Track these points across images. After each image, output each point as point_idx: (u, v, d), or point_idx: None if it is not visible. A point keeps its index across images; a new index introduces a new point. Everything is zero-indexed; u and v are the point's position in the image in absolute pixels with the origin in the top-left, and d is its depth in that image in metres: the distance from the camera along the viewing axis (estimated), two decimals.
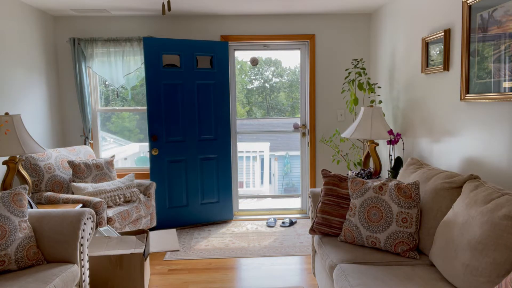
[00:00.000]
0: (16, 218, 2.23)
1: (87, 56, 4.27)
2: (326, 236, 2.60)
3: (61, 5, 3.87)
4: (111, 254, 2.64)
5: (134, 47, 4.29)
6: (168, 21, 4.41)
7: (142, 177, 4.54)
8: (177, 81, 4.17)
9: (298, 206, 4.95)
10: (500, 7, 2.22)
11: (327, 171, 2.73)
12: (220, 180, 4.46)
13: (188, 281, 3.07)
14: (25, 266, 2.20)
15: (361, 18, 4.51)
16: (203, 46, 4.23)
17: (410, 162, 2.83)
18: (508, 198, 1.75)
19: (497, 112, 2.32)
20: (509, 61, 2.17)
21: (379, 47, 4.25)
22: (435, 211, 2.25)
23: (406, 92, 3.58)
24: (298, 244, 3.82)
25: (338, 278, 2.09)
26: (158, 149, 4.16)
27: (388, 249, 2.30)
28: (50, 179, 3.55)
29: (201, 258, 3.50)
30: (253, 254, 3.58)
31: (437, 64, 2.97)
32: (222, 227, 4.33)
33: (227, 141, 4.44)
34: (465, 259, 1.79)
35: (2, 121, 2.97)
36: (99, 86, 4.57)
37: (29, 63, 3.85)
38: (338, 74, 4.56)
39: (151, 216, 3.81)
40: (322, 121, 4.62)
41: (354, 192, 2.46)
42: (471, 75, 2.52)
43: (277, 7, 4.10)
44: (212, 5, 3.96)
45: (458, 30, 2.70)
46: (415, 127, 3.41)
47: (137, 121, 4.94)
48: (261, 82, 8.14)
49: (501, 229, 1.67)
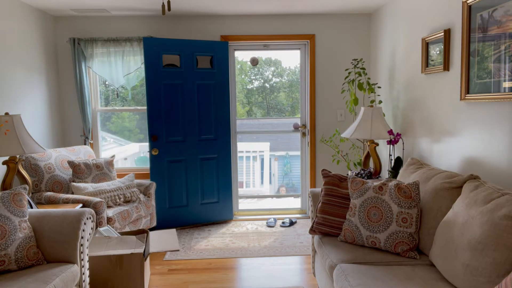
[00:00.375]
0: (16, 218, 2.23)
1: (87, 56, 4.27)
2: (326, 236, 2.60)
3: (61, 5, 3.88)
4: (111, 254, 2.64)
5: (134, 47, 4.29)
6: (168, 21, 4.41)
7: (142, 177, 4.54)
8: (177, 81, 4.17)
9: (298, 206, 4.95)
10: (500, 7, 2.22)
11: (327, 171, 2.73)
12: (220, 180, 4.46)
13: (188, 281, 3.07)
14: (25, 266, 2.20)
15: (361, 18, 4.51)
16: (203, 46, 4.23)
17: (410, 162, 2.83)
18: (508, 198, 1.75)
19: (497, 112, 2.32)
20: (509, 61, 2.17)
21: (379, 47, 4.25)
22: (435, 211, 2.25)
23: (406, 92, 3.58)
24: (298, 244, 3.82)
25: (338, 278, 2.09)
26: (158, 149, 4.16)
27: (388, 249, 2.30)
28: (50, 179, 3.55)
29: (201, 258, 3.50)
30: (253, 254, 3.58)
31: (437, 64, 2.97)
32: (222, 227, 4.33)
33: (227, 141, 4.44)
34: (465, 259, 1.79)
35: (2, 121, 2.97)
36: (99, 86, 4.57)
37: (29, 63, 3.85)
38: (338, 74, 4.56)
39: (151, 216, 3.81)
40: (322, 121, 4.62)
41: (354, 192, 2.46)
42: (471, 75, 2.52)
43: (277, 7, 4.10)
44: (212, 5, 3.96)
45: (458, 30, 2.70)
46: (415, 127, 3.41)
47: (137, 121, 4.94)
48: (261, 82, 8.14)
49: (501, 229, 1.67)
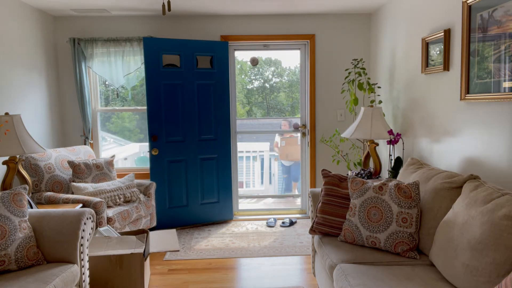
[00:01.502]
0: (16, 218, 2.23)
1: (87, 56, 4.27)
2: (326, 236, 2.60)
3: (61, 5, 3.87)
4: (111, 254, 2.64)
5: (134, 47, 4.29)
6: (168, 21, 4.41)
7: (142, 177, 4.54)
8: (177, 81, 4.17)
9: (298, 206, 4.95)
10: (500, 7, 2.22)
11: (327, 171, 2.73)
12: (220, 180, 4.46)
13: (188, 281, 3.07)
14: (25, 266, 2.20)
15: (361, 18, 4.51)
16: (203, 46, 4.23)
17: (410, 162, 2.83)
18: (508, 198, 1.75)
19: (497, 112, 2.32)
20: (509, 61, 2.17)
21: (379, 47, 4.25)
22: (435, 211, 2.25)
23: (406, 92, 3.58)
24: (298, 244, 3.82)
25: (338, 278, 2.09)
26: (158, 149, 4.16)
27: (388, 249, 2.30)
28: (50, 179, 3.55)
29: (201, 258, 3.50)
30: (253, 254, 3.58)
31: (437, 64, 2.97)
32: (222, 227, 4.33)
33: (227, 141, 4.44)
34: (465, 259, 1.79)
35: (2, 121, 2.97)
36: (99, 86, 4.57)
37: (29, 63, 3.85)
38: (338, 74, 4.56)
39: (151, 216, 3.81)
40: (322, 121, 4.62)
41: (354, 192, 2.46)
42: (471, 75, 2.52)
43: (277, 7, 4.10)
44: (212, 5, 3.96)
45: (458, 30, 2.70)
46: (415, 127, 3.41)
47: (137, 121, 4.94)
48: (261, 82, 8.13)
49: (501, 229, 1.67)
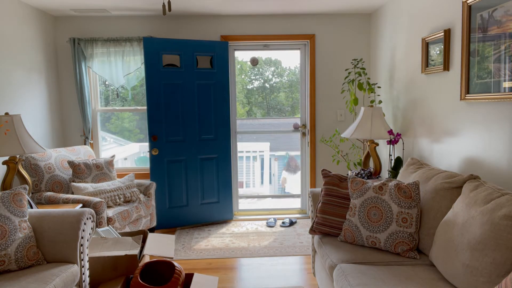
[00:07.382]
0: (16, 218, 2.23)
1: (87, 56, 4.27)
2: (326, 236, 2.60)
3: (61, 5, 3.87)
4: (106, 256, 2.63)
5: (134, 47, 4.29)
6: (168, 21, 4.41)
7: (142, 177, 4.54)
8: (177, 81, 4.17)
9: (298, 206, 4.95)
10: (500, 7, 2.22)
11: (327, 171, 2.73)
12: (220, 180, 4.46)
13: None
14: (25, 266, 2.20)
15: (361, 18, 4.51)
16: (203, 46, 4.23)
17: (410, 162, 2.83)
18: (508, 198, 1.75)
19: (497, 112, 2.32)
20: (509, 61, 2.17)
21: (379, 47, 4.25)
22: (435, 211, 2.25)
23: (406, 92, 3.58)
24: (298, 244, 3.82)
25: (338, 278, 2.09)
26: (158, 149, 4.16)
27: (388, 249, 2.30)
28: (50, 179, 3.55)
29: (201, 258, 3.50)
30: (253, 254, 3.58)
31: (437, 64, 2.97)
32: (222, 227, 4.33)
33: (227, 141, 4.44)
34: (465, 259, 1.79)
35: (2, 121, 2.97)
36: (99, 86, 4.57)
37: (29, 63, 3.85)
38: (338, 74, 4.56)
39: (151, 216, 3.81)
40: (322, 121, 4.62)
41: (354, 192, 2.46)
42: (471, 75, 2.52)
43: (277, 7, 4.10)
44: (212, 5, 3.96)
45: (458, 30, 2.70)
46: (415, 127, 3.41)
47: (137, 121, 4.94)
48: (261, 82, 8.13)
49: (501, 229, 1.67)
